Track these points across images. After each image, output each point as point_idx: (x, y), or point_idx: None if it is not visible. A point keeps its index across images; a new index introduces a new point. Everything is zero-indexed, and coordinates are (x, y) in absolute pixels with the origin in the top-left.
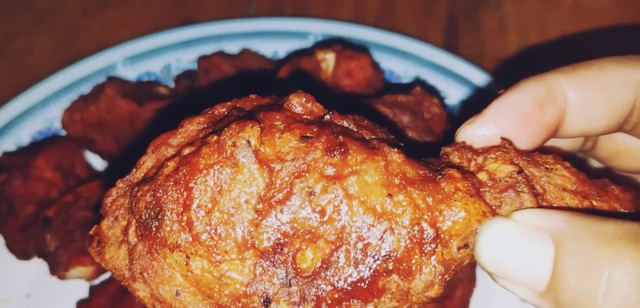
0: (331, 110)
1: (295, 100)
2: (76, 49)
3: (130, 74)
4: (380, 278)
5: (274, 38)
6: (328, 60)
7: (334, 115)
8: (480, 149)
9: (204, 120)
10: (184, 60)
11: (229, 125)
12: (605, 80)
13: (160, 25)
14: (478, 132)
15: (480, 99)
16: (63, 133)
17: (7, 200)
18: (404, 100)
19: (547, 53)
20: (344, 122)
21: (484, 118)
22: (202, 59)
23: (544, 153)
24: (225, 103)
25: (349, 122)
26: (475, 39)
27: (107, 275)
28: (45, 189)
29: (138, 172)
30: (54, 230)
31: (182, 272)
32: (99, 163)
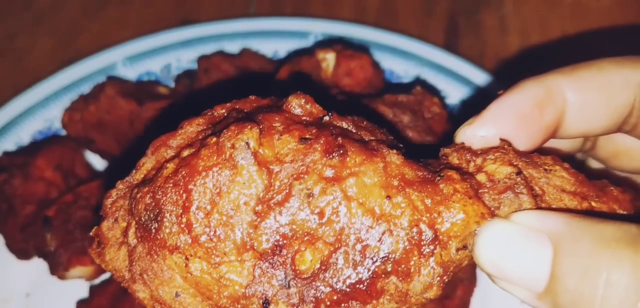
0: (330, 111)
1: (294, 102)
2: (76, 49)
3: (130, 73)
4: (379, 280)
5: (274, 38)
6: (328, 59)
7: (333, 116)
8: (479, 150)
9: (203, 121)
10: (184, 59)
11: (228, 126)
12: (605, 81)
13: (161, 24)
14: (477, 133)
15: (481, 98)
16: (63, 133)
17: (7, 199)
18: (404, 99)
19: (548, 53)
20: (343, 123)
21: (483, 119)
22: (202, 59)
23: (543, 154)
24: (224, 104)
25: (348, 123)
26: (475, 39)
27: (107, 274)
28: (45, 189)
29: (138, 174)
30: (54, 229)
31: (182, 273)
32: (99, 163)
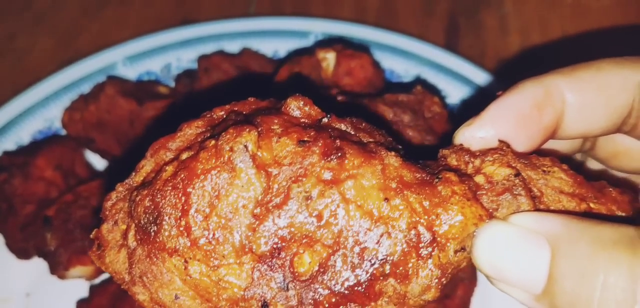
0: (329, 113)
1: (293, 104)
2: (76, 49)
3: (130, 73)
4: (377, 282)
5: (275, 37)
6: (329, 59)
7: (331, 118)
8: (477, 152)
9: (202, 123)
10: (184, 59)
11: (226, 129)
12: (604, 82)
13: (161, 24)
14: (476, 135)
15: (481, 98)
16: (63, 132)
17: (7, 199)
18: (404, 99)
19: (548, 53)
20: (341, 125)
21: (482, 120)
22: (203, 58)
23: (541, 155)
24: (223, 106)
25: (346, 125)
26: (476, 39)
27: (107, 274)
28: (45, 188)
29: (137, 176)
30: (54, 229)
31: (181, 276)
32: (99, 163)
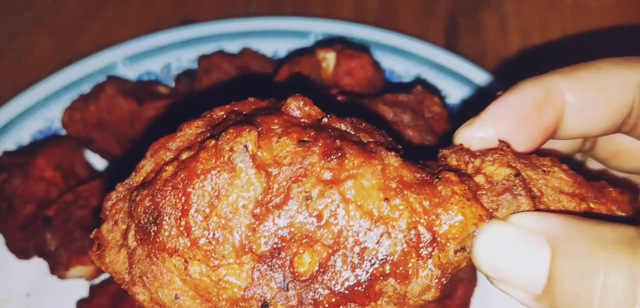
0: (329, 113)
1: (293, 104)
2: (76, 49)
3: (130, 73)
4: (377, 282)
5: (275, 37)
6: (329, 59)
7: (331, 118)
8: (477, 152)
9: (202, 123)
10: (184, 59)
11: (226, 129)
12: (604, 82)
13: (161, 24)
14: (476, 135)
15: (481, 98)
16: (63, 132)
17: (7, 199)
18: (404, 99)
19: (548, 53)
20: (341, 125)
21: (482, 120)
22: (203, 58)
23: (541, 155)
24: (223, 106)
25: (346, 125)
26: (476, 39)
27: (107, 274)
28: (45, 188)
29: (137, 176)
30: (54, 229)
31: (181, 276)
32: (99, 163)
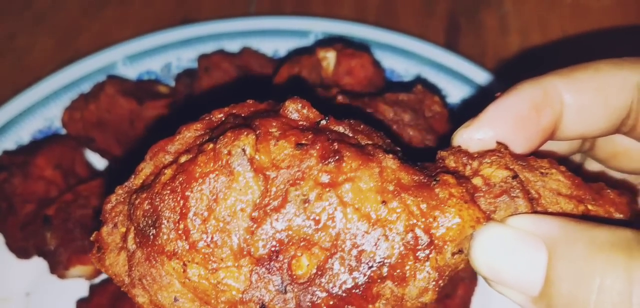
0: (327, 116)
1: (291, 106)
2: (76, 48)
3: (130, 72)
4: (375, 285)
5: (275, 36)
6: (329, 58)
7: (329, 120)
8: (476, 153)
9: (201, 126)
10: (185, 59)
11: (224, 133)
12: (602, 83)
13: (161, 24)
14: (474, 136)
15: (481, 97)
16: (63, 132)
17: (7, 198)
18: (405, 98)
19: (548, 53)
20: (339, 127)
21: (480, 122)
22: (203, 58)
23: (539, 157)
24: (222, 109)
25: (344, 127)
26: (476, 39)
27: None
28: (45, 188)
29: (136, 179)
30: (54, 228)
31: (180, 279)
32: (99, 162)
